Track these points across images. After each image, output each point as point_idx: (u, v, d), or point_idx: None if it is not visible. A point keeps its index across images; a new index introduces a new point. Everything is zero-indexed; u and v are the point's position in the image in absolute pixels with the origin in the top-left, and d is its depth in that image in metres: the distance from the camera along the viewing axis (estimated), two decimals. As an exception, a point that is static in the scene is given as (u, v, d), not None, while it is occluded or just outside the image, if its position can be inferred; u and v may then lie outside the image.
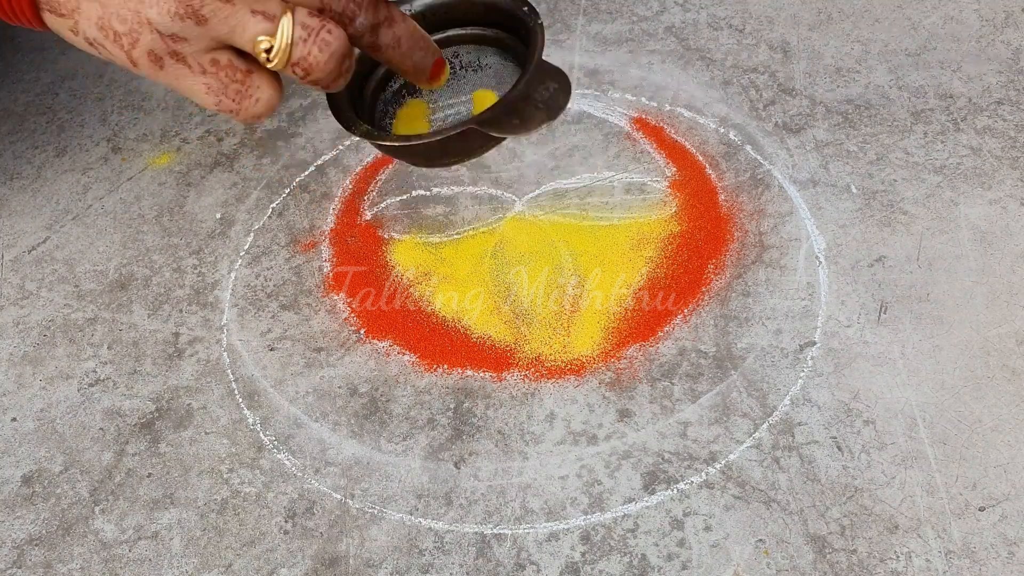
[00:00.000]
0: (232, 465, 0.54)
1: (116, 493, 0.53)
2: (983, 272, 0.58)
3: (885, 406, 0.53)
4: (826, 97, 0.69)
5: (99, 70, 0.78)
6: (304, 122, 0.72)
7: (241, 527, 0.51)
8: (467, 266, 0.62)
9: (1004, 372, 0.54)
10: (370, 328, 0.59)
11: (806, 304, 0.58)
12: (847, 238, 0.60)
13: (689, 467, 0.52)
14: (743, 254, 0.60)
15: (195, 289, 0.62)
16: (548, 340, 0.58)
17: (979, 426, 0.52)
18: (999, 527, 0.48)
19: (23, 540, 0.52)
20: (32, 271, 0.64)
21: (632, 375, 0.56)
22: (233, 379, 0.58)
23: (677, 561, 0.48)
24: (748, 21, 0.75)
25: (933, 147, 0.65)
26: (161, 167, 0.70)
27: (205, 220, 0.66)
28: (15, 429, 0.57)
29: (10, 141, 0.73)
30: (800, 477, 0.51)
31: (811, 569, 0.48)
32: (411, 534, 0.51)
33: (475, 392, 0.56)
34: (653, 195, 0.64)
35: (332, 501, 0.52)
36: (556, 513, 0.51)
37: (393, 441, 0.54)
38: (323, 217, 0.65)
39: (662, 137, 0.67)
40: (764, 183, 0.64)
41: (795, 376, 0.55)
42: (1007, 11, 0.74)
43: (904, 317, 0.56)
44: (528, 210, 0.64)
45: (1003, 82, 0.68)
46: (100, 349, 0.60)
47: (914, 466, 0.51)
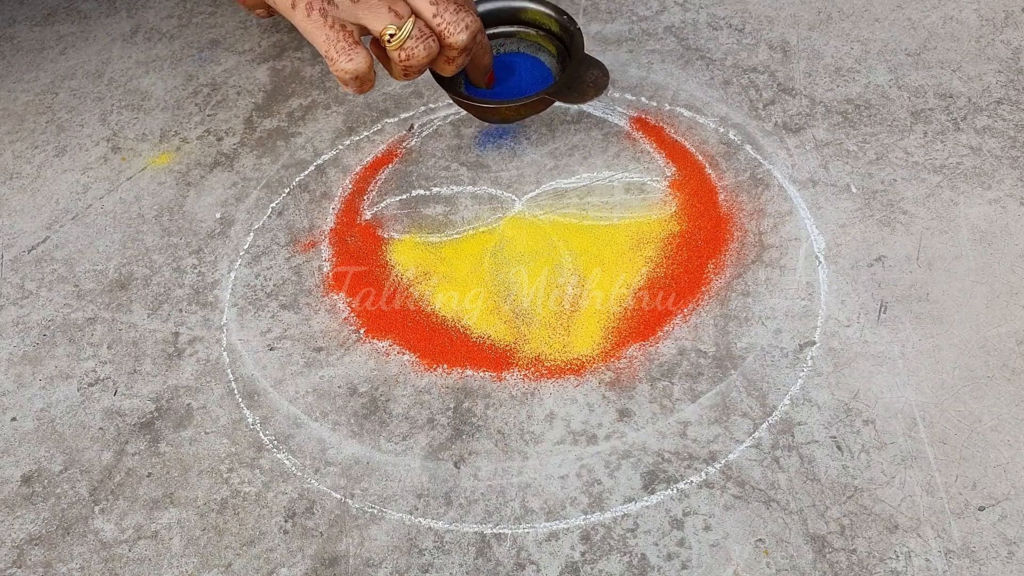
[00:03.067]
0: (232, 465, 0.54)
1: (116, 493, 0.53)
2: (983, 272, 0.58)
3: (885, 406, 0.53)
4: (826, 97, 0.69)
5: (99, 70, 0.78)
6: (304, 122, 0.72)
7: (241, 527, 0.51)
8: (467, 266, 0.62)
9: (1004, 372, 0.54)
10: (370, 328, 0.59)
11: (806, 304, 0.58)
12: (847, 238, 0.60)
13: (689, 467, 0.52)
14: (743, 254, 0.60)
15: (195, 289, 0.62)
16: (548, 340, 0.58)
17: (979, 426, 0.52)
18: (999, 527, 0.48)
19: (23, 540, 0.52)
20: (32, 271, 0.64)
21: (632, 375, 0.56)
22: (233, 379, 0.58)
23: (677, 561, 0.48)
24: (748, 21, 0.75)
25: (933, 147, 0.65)
26: (161, 167, 0.70)
27: (205, 220, 0.66)
28: (15, 429, 0.57)
29: (10, 141, 0.73)
30: (800, 477, 0.51)
31: (811, 569, 0.48)
32: (411, 534, 0.51)
33: (475, 392, 0.56)
34: (653, 195, 0.64)
35: (332, 501, 0.52)
36: (556, 513, 0.51)
37: (393, 441, 0.54)
38: (323, 217, 0.65)
39: (662, 137, 0.67)
40: (764, 183, 0.64)
41: (795, 376, 0.55)
42: (1007, 11, 0.74)
43: (904, 317, 0.56)
44: (528, 210, 0.64)
45: (1003, 82, 0.68)
46: (100, 349, 0.60)
47: (914, 466, 0.51)
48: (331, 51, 0.55)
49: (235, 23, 0.81)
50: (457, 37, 0.56)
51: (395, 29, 0.55)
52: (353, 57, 0.55)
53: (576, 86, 0.61)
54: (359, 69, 0.55)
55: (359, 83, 0.56)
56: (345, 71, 0.55)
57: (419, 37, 0.55)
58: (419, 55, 0.56)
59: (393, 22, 0.55)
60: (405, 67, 0.56)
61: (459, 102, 0.63)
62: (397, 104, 0.72)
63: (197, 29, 0.81)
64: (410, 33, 0.55)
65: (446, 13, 0.56)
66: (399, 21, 0.55)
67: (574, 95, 0.60)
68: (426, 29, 0.56)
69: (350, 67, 0.55)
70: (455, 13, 0.56)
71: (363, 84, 0.56)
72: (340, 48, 0.55)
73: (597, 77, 0.61)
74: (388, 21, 0.55)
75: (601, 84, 0.60)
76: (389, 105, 0.72)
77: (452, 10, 0.56)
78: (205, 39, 0.80)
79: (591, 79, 0.61)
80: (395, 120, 0.71)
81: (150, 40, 0.80)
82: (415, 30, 0.55)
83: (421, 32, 0.55)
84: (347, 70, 0.55)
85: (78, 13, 0.84)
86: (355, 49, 0.55)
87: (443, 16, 0.56)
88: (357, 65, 0.55)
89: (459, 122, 0.70)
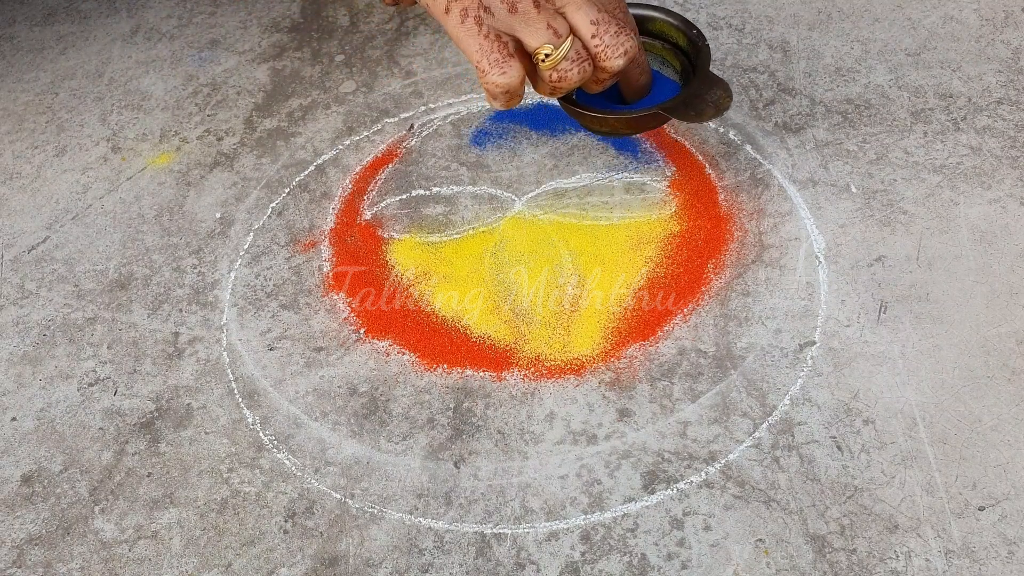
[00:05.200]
0: (232, 465, 0.54)
1: (116, 493, 0.53)
2: (983, 272, 0.58)
3: (885, 406, 0.53)
4: (826, 97, 0.69)
5: (99, 70, 0.78)
6: (304, 122, 0.72)
7: (241, 527, 0.51)
8: (467, 266, 0.62)
9: (1004, 372, 0.54)
10: (370, 328, 0.59)
11: (806, 304, 0.58)
12: (847, 238, 0.60)
13: (689, 467, 0.52)
14: (743, 254, 0.60)
15: (195, 289, 0.62)
16: (548, 340, 0.58)
17: (979, 426, 0.52)
18: (999, 527, 0.48)
19: (23, 540, 0.52)
20: (32, 271, 0.64)
21: (632, 375, 0.56)
22: (233, 379, 0.58)
23: (677, 561, 0.48)
24: (748, 21, 0.75)
25: (933, 147, 0.65)
26: (161, 167, 0.70)
27: (205, 220, 0.66)
28: (15, 429, 0.57)
29: (10, 141, 0.73)
30: (800, 477, 0.51)
31: (811, 569, 0.48)
32: (411, 534, 0.51)
33: (475, 392, 0.56)
34: (653, 195, 0.64)
35: (332, 501, 0.52)
36: (556, 513, 0.51)
37: (393, 441, 0.54)
38: (323, 217, 0.65)
39: (662, 136, 0.67)
40: (764, 183, 0.64)
41: (795, 376, 0.55)
42: (1007, 11, 0.74)
43: (904, 317, 0.56)
44: (528, 210, 0.64)
45: (1003, 82, 0.68)
46: (100, 349, 0.60)
47: (914, 466, 0.51)
48: (483, 62, 0.52)
49: (235, 23, 0.81)
50: (614, 62, 0.53)
51: (551, 49, 0.52)
52: (507, 71, 0.52)
53: (695, 104, 0.57)
54: (512, 83, 0.52)
55: (508, 97, 0.53)
56: (497, 85, 0.52)
57: (575, 60, 0.52)
58: (572, 78, 0.53)
59: (551, 40, 0.52)
60: (554, 87, 0.54)
61: (569, 110, 0.59)
62: (397, 104, 0.72)
63: (197, 29, 0.81)
64: (566, 55, 0.52)
65: (606, 36, 0.52)
66: (557, 40, 0.52)
67: (691, 113, 0.57)
68: (583, 51, 0.53)
69: (503, 81, 0.52)
70: (615, 36, 0.53)
71: (512, 99, 0.54)
72: (493, 60, 0.51)
73: (719, 97, 0.57)
74: (546, 39, 0.52)
75: (722, 105, 0.57)
76: (389, 105, 0.72)
77: (612, 32, 0.52)
78: (205, 39, 0.80)
79: (712, 99, 0.57)
80: (395, 120, 0.71)
81: (150, 40, 0.80)
82: (572, 51, 0.52)
83: (578, 54, 0.52)
84: (499, 84, 0.52)
85: (78, 13, 0.84)
86: (509, 62, 0.52)
87: (602, 39, 0.52)
88: (510, 79, 0.52)
89: (459, 122, 0.70)
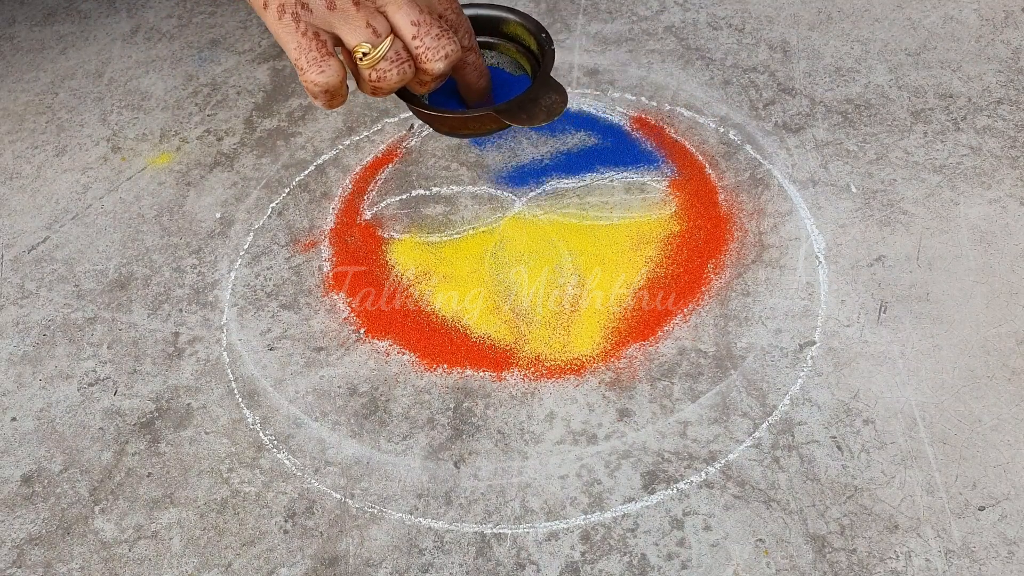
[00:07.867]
0: (232, 465, 0.54)
1: (116, 493, 0.53)
2: (983, 272, 0.58)
3: (885, 406, 0.53)
4: (826, 97, 0.69)
5: (99, 70, 0.78)
6: (304, 122, 0.72)
7: (241, 527, 0.51)
8: (467, 266, 0.62)
9: (1004, 372, 0.54)
10: (370, 328, 0.59)
11: (806, 304, 0.58)
12: (847, 238, 0.60)
13: (689, 467, 0.52)
14: (743, 254, 0.60)
15: (195, 289, 0.62)
16: (548, 340, 0.58)
17: (979, 426, 0.52)
18: (999, 527, 0.48)
19: (23, 540, 0.52)
20: (32, 271, 0.64)
21: (632, 375, 0.56)
22: (233, 379, 0.58)
23: (677, 561, 0.48)
24: (748, 21, 0.75)
25: (933, 147, 0.65)
26: (161, 167, 0.70)
27: (205, 220, 0.66)
28: (15, 429, 0.57)
29: (10, 141, 0.73)
30: (800, 477, 0.51)
31: (811, 569, 0.48)
32: (411, 534, 0.51)
33: (475, 392, 0.56)
34: (653, 195, 0.64)
35: (332, 501, 0.52)
36: (556, 513, 0.51)
37: (393, 441, 0.54)
38: (323, 217, 0.65)
39: (662, 136, 0.67)
40: (764, 183, 0.64)
41: (795, 376, 0.55)
42: (1007, 11, 0.74)
43: (904, 317, 0.56)
44: (528, 210, 0.64)
45: (1003, 82, 0.68)
46: (100, 349, 0.60)
47: (914, 466, 0.51)
48: (301, 60, 0.51)
49: (235, 23, 0.81)
50: (434, 64, 0.52)
51: (369, 48, 0.51)
52: (324, 69, 0.51)
53: (529, 108, 0.57)
54: (330, 83, 0.51)
55: (329, 97, 0.52)
56: (315, 83, 0.51)
57: (394, 60, 0.51)
58: (391, 79, 0.52)
59: (369, 39, 0.50)
60: (374, 87, 0.53)
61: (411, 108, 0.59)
62: (397, 104, 0.72)
63: (197, 29, 0.81)
64: (385, 54, 0.51)
65: (427, 38, 0.51)
66: (375, 39, 0.51)
67: (523, 116, 0.57)
68: (403, 52, 0.52)
69: (321, 80, 0.51)
70: (436, 39, 0.52)
71: (333, 98, 0.53)
72: (311, 58, 0.51)
73: (553, 102, 0.57)
74: (364, 37, 0.50)
75: (555, 110, 0.57)
76: (389, 105, 0.72)
77: (434, 35, 0.52)
78: (205, 39, 0.80)
79: (546, 103, 0.57)
80: (395, 120, 0.71)
81: (150, 40, 0.80)
82: (391, 52, 0.51)
83: (397, 55, 0.51)
84: (317, 82, 0.51)
85: (78, 13, 0.84)
86: (327, 61, 0.51)
87: (423, 40, 0.51)
88: (328, 78, 0.51)
89: (459, 122, 0.70)
